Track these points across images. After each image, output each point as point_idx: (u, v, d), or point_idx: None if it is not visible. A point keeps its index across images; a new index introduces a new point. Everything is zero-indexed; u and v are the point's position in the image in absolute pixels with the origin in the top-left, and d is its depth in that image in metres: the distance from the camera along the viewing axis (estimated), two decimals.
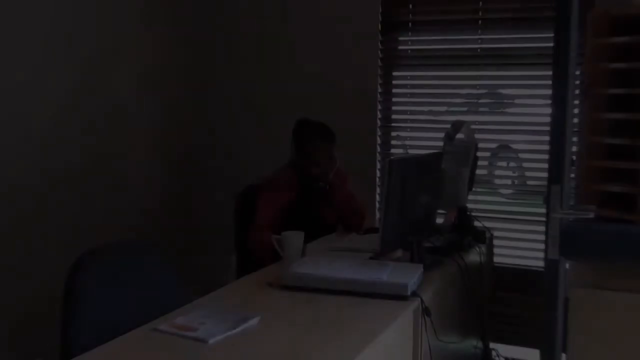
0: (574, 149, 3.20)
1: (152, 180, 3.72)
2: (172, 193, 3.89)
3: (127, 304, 1.85)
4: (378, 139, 3.68)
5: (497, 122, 3.55)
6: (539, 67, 3.35)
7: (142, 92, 3.58)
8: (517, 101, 3.57)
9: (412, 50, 3.63)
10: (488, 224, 3.02)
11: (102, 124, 3.34)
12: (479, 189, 3.48)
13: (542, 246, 1.92)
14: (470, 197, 3.12)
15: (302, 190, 2.83)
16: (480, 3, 3.45)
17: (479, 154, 2.99)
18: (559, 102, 1.88)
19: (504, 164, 4.11)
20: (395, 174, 2.21)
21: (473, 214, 2.88)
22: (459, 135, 2.95)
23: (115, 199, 3.46)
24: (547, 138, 1.92)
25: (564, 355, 2.01)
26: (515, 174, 3.81)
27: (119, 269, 1.90)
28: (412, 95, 3.68)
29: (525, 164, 3.80)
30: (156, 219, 3.75)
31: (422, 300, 1.96)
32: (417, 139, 3.71)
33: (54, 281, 1.88)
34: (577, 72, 3.00)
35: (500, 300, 3.34)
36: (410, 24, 3.59)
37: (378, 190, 3.69)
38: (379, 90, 3.66)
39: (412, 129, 3.68)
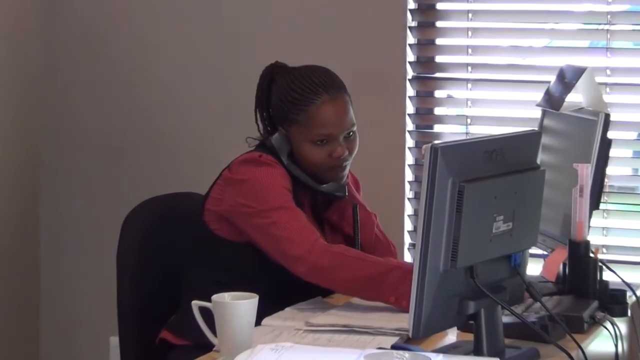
0: None
1: None
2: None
3: None
4: (409, 103, 3.72)
5: None
6: None
7: None
8: None
9: None
10: (631, 277, 3.00)
11: None
12: (612, 207, 3.52)
13: None
14: (596, 221, 3.12)
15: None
16: None
17: (611, 134, 2.97)
18: None
19: None
20: (443, 175, 2.20)
21: (602, 256, 2.87)
22: (573, 98, 2.93)
23: None
24: None
25: None
26: None
27: None
28: (477, 15, 3.71)
29: None
30: None
31: None
32: (488, 103, 3.78)
33: None
34: None
35: None
36: None
37: (410, 207, 3.72)
38: (411, 6, 3.68)
39: (477, 84, 3.72)
